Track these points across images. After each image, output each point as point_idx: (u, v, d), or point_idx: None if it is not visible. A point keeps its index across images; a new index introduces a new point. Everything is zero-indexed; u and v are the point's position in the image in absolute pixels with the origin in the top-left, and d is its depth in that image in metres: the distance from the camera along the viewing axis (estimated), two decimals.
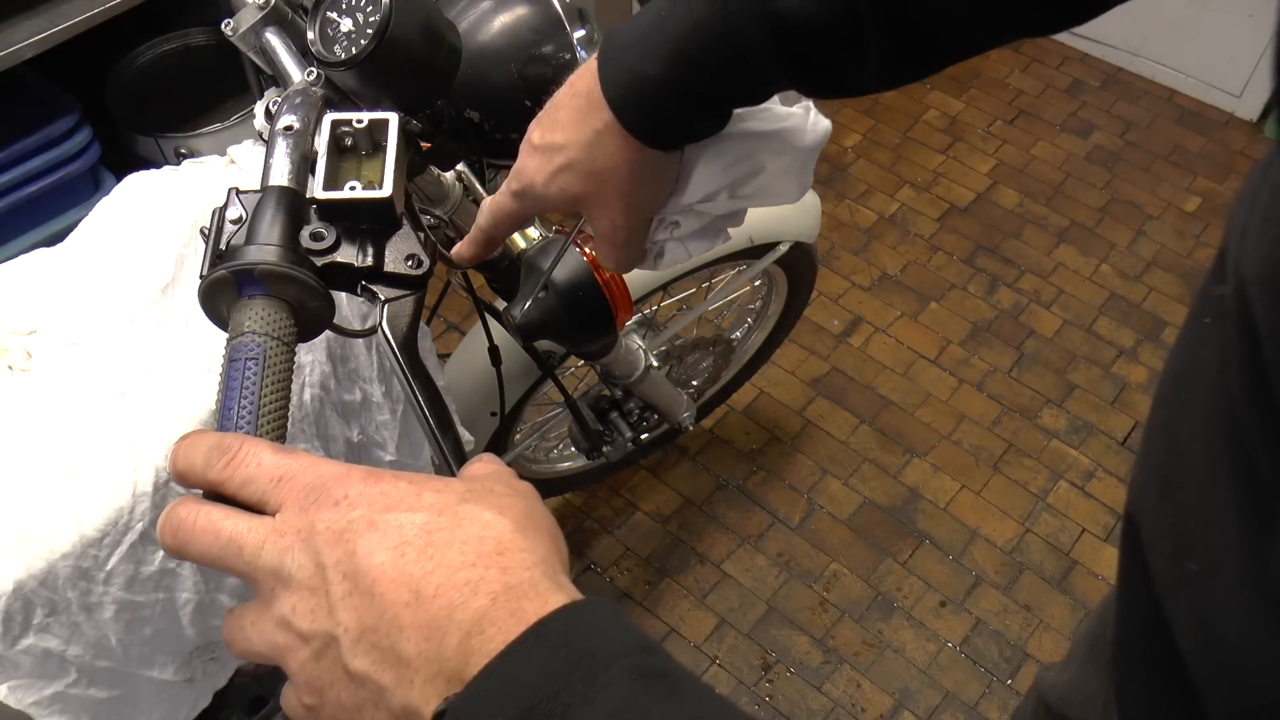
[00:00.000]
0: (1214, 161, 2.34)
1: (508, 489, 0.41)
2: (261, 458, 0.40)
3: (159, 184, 0.85)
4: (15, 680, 0.72)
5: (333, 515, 0.37)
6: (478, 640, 0.34)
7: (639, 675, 0.33)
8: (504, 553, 0.37)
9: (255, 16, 0.71)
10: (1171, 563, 0.41)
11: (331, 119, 0.54)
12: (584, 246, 0.75)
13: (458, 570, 0.36)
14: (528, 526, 0.38)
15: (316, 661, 0.37)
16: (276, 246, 0.50)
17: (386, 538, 0.36)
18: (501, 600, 0.35)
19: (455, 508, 0.38)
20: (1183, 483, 0.41)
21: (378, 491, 0.38)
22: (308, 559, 0.37)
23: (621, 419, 1.39)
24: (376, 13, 0.64)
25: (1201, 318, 0.42)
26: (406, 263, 0.55)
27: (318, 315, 0.52)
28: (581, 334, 0.71)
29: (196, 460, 0.40)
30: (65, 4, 1.36)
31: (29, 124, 1.43)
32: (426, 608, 0.35)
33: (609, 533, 1.73)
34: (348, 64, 0.64)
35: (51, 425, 0.73)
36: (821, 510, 1.76)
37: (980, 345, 2.00)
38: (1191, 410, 0.41)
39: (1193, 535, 0.39)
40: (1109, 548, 1.73)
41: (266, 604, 0.38)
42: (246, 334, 0.48)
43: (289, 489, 0.39)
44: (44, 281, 0.80)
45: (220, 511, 0.39)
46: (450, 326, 1.97)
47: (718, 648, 1.60)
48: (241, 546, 0.38)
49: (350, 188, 0.53)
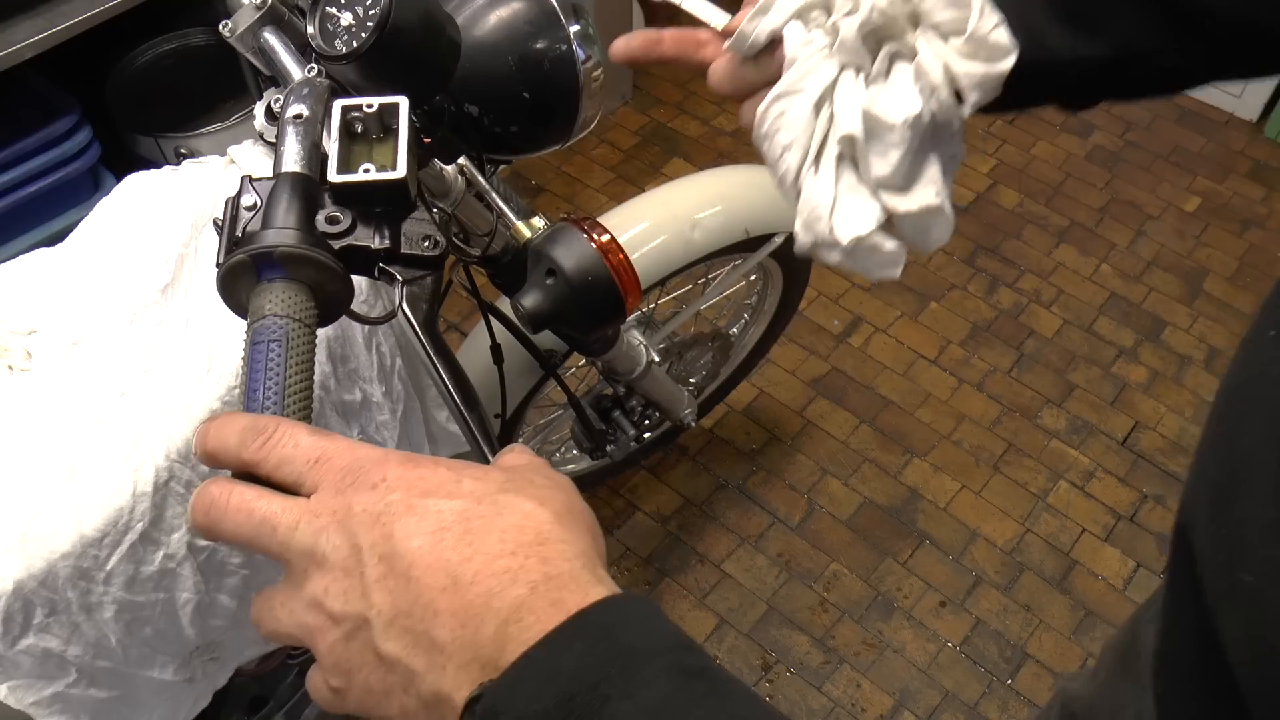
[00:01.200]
0: (1214, 161, 2.34)
1: (547, 480, 0.40)
2: (299, 439, 0.39)
3: (159, 184, 0.85)
4: (15, 680, 0.72)
5: (370, 498, 0.37)
6: (515, 629, 0.34)
7: (678, 672, 0.33)
8: (544, 543, 0.36)
9: (252, 17, 0.71)
10: (1224, 573, 0.40)
11: (342, 104, 0.54)
12: (591, 232, 0.75)
13: (497, 558, 0.35)
14: (568, 518, 0.38)
15: (347, 643, 0.36)
16: (294, 230, 0.50)
17: (424, 522, 0.36)
18: (541, 590, 0.35)
19: (495, 496, 0.38)
20: (1238, 496, 0.40)
21: (416, 476, 0.38)
22: (343, 540, 0.36)
23: (624, 417, 1.39)
24: (376, 6, 0.64)
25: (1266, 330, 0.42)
26: (423, 244, 0.55)
27: (337, 298, 0.52)
28: (592, 320, 0.71)
29: (230, 440, 0.40)
30: (65, 4, 1.36)
31: (29, 124, 1.43)
32: (463, 594, 0.35)
33: (609, 533, 1.73)
34: (348, 58, 0.64)
35: (51, 425, 0.73)
36: (821, 510, 1.76)
37: (980, 345, 2.00)
38: (1251, 423, 0.40)
39: (1248, 547, 0.38)
40: (1109, 548, 1.73)
41: (298, 585, 0.37)
42: (268, 316, 0.47)
43: (326, 470, 0.38)
44: (44, 281, 0.80)
45: (254, 491, 0.38)
46: (451, 326, 1.97)
47: (718, 648, 1.60)
48: (275, 526, 0.37)
49: (364, 170, 0.53)
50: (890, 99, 0.50)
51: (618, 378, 1.24)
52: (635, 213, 1.29)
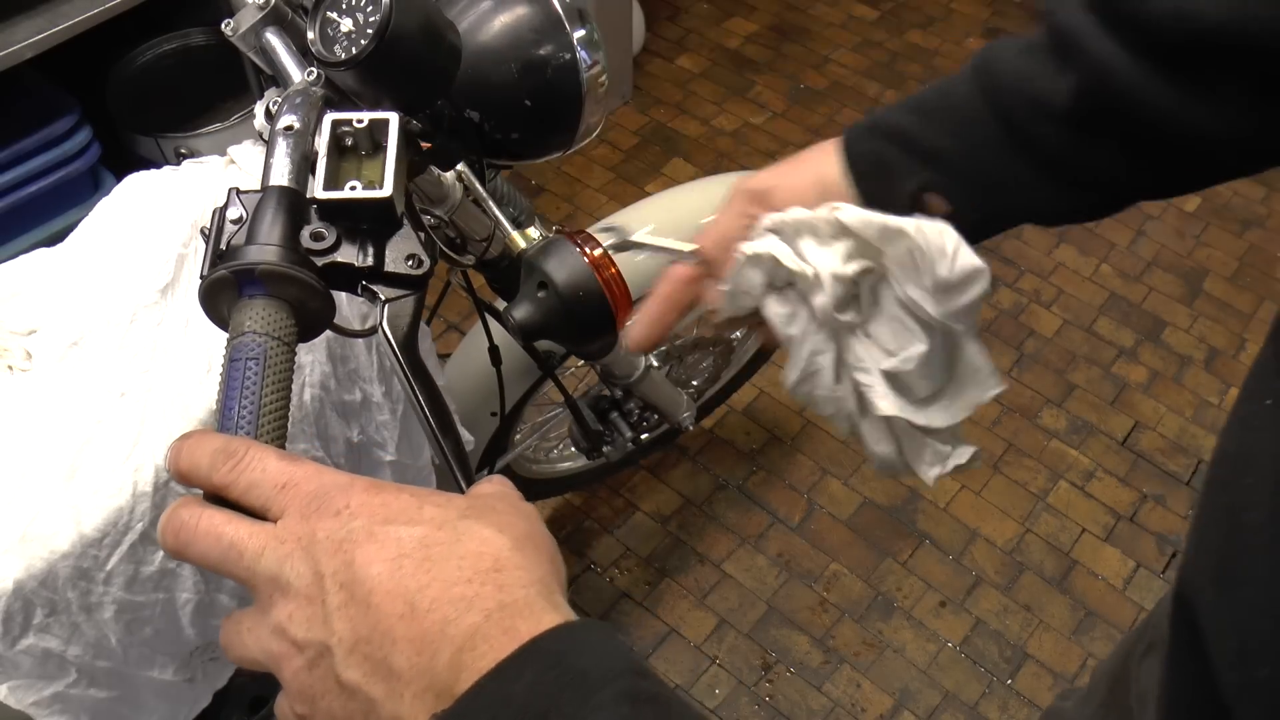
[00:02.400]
0: None
1: (510, 508, 0.41)
2: (267, 464, 0.40)
3: (159, 184, 0.85)
4: (15, 680, 0.72)
5: (333, 524, 0.37)
6: (469, 656, 0.34)
7: (628, 699, 0.33)
8: (501, 570, 0.37)
9: (255, 16, 0.71)
10: (1237, 665, 0.40)
11: (332, 119, 0.54)
12: (584, 246, 0.75)
13: (454, 585, 0.36)
14: (527, 546, 0.38)
15: (310, 671, 0.37)
16: (277, 246, 0.50)
17: (385, 549, 0.36)
18: (495, 617, 0.35)
19: (455, 523, 0.38)
20: (1246, 578, 0.39)
21: (379, 503, 0.38)
22: (306, 567, 0.37)
23: (621, 419, 1.39)
24: (377, 13, 0.64)
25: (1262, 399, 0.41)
26: (407, 262, 0.55)
27: (318, 315, 0.52)
28: (582, 334, 0.71)
29: (201, 462, 0.40)
30: (65, 4, 1.36)
31: (29, 124, 1.43)
32: (420, 621, 0.35)
33: (609, 533, 1.73)
34: (348, 64, 0.64)
35: (51, 425, 0.73)
36: (821, 510, 1.76)
37: None
38: (1254, 498, 0.40)
39: (1261, 639, 0.38)
40: (1109, 548, 1.73)
41: (264, 610, 0.38)
42: (247, 334, 0.48)
43: (292, 496, 0.39)
44: (44, 281, 0.80)
45: (223, 515, 0.39)
46: (450, 326, 1.97)
47: (718, 648, 1.60)
48: (242, 551, 0.38)
49: (351, 187, 0.53)
50: (892, 340, 0.51)
51: (616, 381, 1.23)
52: (640, 216, 1.29)
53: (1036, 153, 0.50)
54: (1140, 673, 0.68)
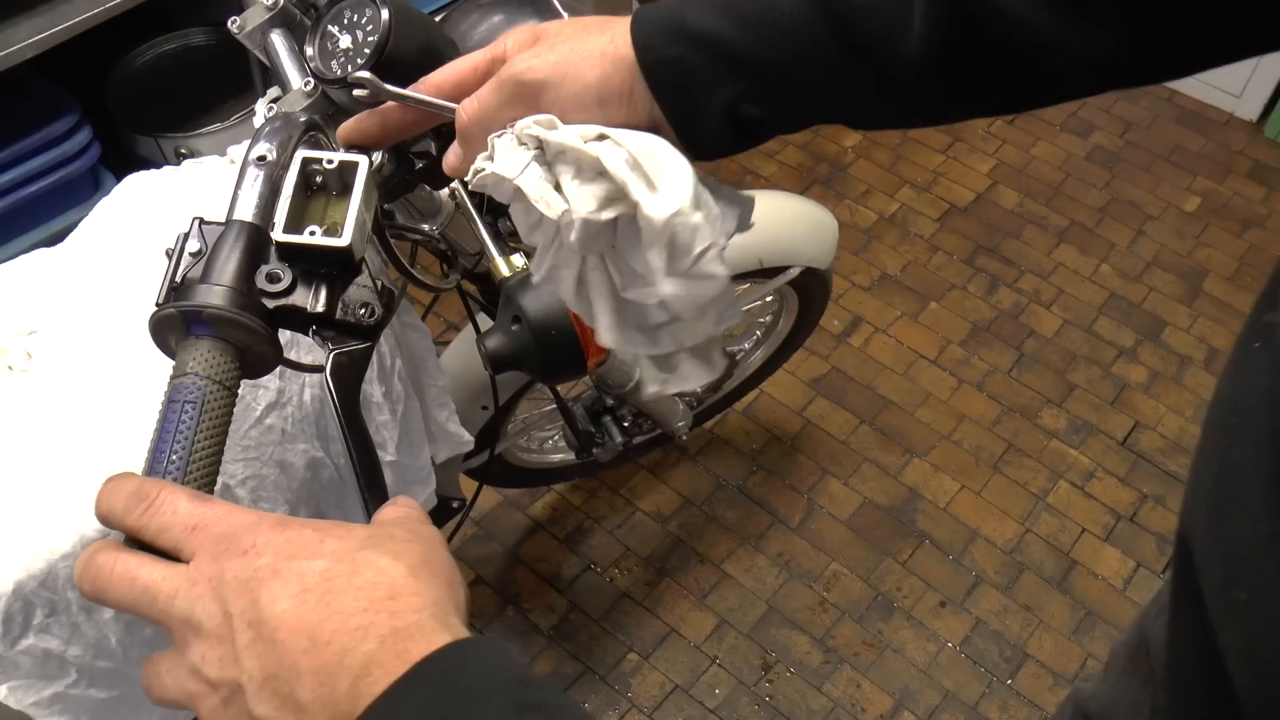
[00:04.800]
0: (1214, 161, 2.34)
1: (409, 534, 0.42)
2: (178, 506, 0.41)
3: (159, 184, 0.85)
4: (15, 681, 0.72)
5: (240, 564, 0.38)
6: (366, 683, 0.35)
7: (515, 708, 0.35)
8: (395, 597, 0.38)
9: (263, 17, 0.71)
10: (1222, 590, 0.40)
11: (302, 156, 0.54)
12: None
13: (351, 616, 0.37)
14: (423, 571, 0.39)
15: (225, 708, 0.38)
16: (227, 288, 0.50)
17: (289, 585, 0.37)
18: (389, 643, 0.36)
19: (354, 554, 0.39)
20: (1232, 510, 0.40)
21: (284, 540, 0.39)
22: (216, 608, 0.38)
23: (614, 423, 1.39)
24: (375, 33, 0.64)
25: (1251, 343, 0.42)
26: (360, 310, 0.56)
27: (264, 358, 0.53)
28: (550, 370, 0.73)
29: (116, 505, 0.41)
30: (65, 4, 1.36)
31: (29, 124, 1.43)
32: (321, 654, 0.36)
33: (609, 533, 1.73)
34: (344, 82, 0.64)
35: (51, 425, 0.73)
36: (821, 510, 1.76)
37: (980, 345, 2.00)
38: (1241, 436, 0.41)
39: (1241, 563, 0.39)
40: (1109, 548, 1.73)
41: (180, 652, 0.39)
42: (189, 375, 0.49)
43: (202, 537, 0.40)
44: (44, 281, 0.80)
45: (137, 559, 0.40)
46: (450, 326, 1.97)
47: (718, 648, 1.60)
48: (155, 595, 0.39)
49: (310, 232, 0.53)
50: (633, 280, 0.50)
51: (609, 389, 1.23)
52: None
53: (881, 73, 0.47)
54: (1154, 632, 0.70)
